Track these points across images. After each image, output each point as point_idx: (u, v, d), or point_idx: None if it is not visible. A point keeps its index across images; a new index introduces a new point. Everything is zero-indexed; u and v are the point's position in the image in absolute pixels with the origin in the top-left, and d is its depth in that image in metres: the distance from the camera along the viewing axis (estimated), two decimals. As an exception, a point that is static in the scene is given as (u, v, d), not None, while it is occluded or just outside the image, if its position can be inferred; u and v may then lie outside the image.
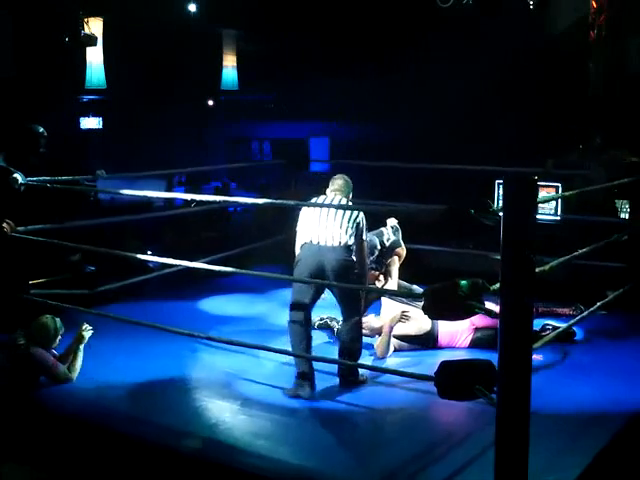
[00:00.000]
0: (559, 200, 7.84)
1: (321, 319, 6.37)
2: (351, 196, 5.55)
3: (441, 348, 5.95)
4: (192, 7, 12.75)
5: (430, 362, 5.17)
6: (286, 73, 13.25)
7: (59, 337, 5.25)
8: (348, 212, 5.23)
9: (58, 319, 5.25)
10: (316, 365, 5.23)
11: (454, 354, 5.76)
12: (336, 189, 5.48)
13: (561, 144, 7.90)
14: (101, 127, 13.98)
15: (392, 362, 5.71)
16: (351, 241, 5.21)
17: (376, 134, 11.84)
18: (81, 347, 5.28)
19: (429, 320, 5.84)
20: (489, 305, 3.69)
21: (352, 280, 5.19)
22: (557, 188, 7.86)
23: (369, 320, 6.03)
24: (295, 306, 5.20)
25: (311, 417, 4.78)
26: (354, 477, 4.04)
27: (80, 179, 6.84)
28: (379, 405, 4.98)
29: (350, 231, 5.20)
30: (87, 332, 5.33)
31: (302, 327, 5.15)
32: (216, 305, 7.40)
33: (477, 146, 9.94)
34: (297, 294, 5.22)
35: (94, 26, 10.62)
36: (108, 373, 5.39)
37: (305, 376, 5.02)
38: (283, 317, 6.94)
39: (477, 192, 6.99)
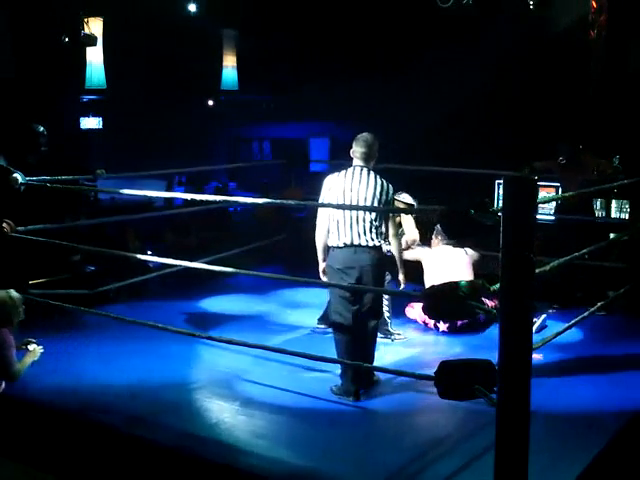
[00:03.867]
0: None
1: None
2: (376, 155, 5.24)
3: None
4: (192, 7, 12.73)
5: (430, 362, 5.18)
6: (286, 73, 13.24)
7: (20, 311, 4.94)
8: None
9: (13, 291, 5.03)
10: (317, 364, 5.26)
11: (454, 353, 5.77)
12: (359, 157, 5.22)
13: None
14: (101, 127, 13.96)
15: (392, 362, 5.71)
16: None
17: (376, 135, 11.84)
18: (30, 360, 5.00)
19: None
20: None
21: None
22: (557, 188, 7.88)
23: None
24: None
25: (311, 417, 4.78)
26: (354, 477, 4.04)
27: (80, 179, 6.85)
28: (379, 405, 4.98)
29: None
30: (37, 350, 5.08)
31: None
32: (216, 305, 7.40)
33: (477, 146, 9.94)
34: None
35: (94, 26, 10.59)
36: (108, 373, 5.39)
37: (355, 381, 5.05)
38: (283, 317, 7.01)
39: (477, 192, 6.98)
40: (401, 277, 5.56)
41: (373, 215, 5.08)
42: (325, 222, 5.21)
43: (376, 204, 5.12)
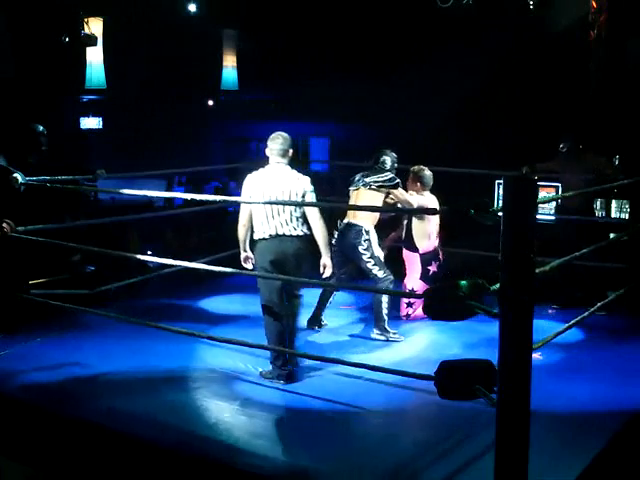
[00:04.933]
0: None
1: None
2: (291, 152, 5.57)
3: None
4: (192, 7, 12.75)
5: (430, 362, 5.17)
6: (286, 73, 13.25)
7: None
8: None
9: None
10: (316, 363, 5.26)
11: (454, 354, 5.77)
12: (277, 154, 5.51)
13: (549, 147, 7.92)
14: (101, 127, 13.97)
15: (392, 362, 5.71)
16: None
17: (376, 135, 11.85)
18: None
19: None
20: None
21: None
22: (557, 188, 7.89)
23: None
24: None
25: (310, 417, 4.78)
26: (354, 477, 4.04)
27: (80, 179, 6.85)
28: (379, 405, 4.98)
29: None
30: None
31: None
32: (216, 305, 7.40)
33: (477, 147, 9.95)
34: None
35: (94, 26, 10.62)
36: (108, 373, 5.39)
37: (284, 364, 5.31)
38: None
39: (477, 192, 7.00)
40: (326, 261, 5.69)
41: (292, 206, 5.37)
42: (247, 216, 5.51)
43: (294, 197, 5.40)
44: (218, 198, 6.55)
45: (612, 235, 7.39)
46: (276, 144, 5.53)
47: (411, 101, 10.73)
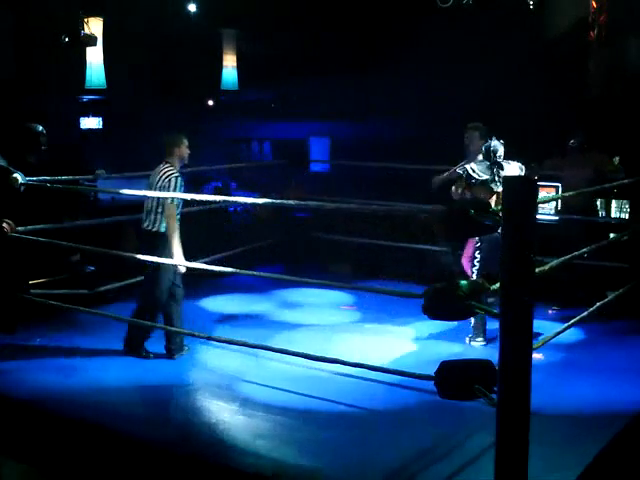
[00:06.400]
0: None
1: None
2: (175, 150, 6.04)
3: None
4: (192, 7, 12.75)
5: (430, 362, 5.17)
6: (286, 73, 13.23)
7: None
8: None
9: None
10: (316, 364, 5.27)
11: (454, 353, 5.77)
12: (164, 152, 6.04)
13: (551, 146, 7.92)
14: (101, 127, 13.93)
15: (392, 362, 5.71)
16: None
17: (377, 134, 11.85)
18: None
19: None
20: None
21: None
22: (557, 188, 7.89)
23: None
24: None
25: (311, 417, 4.78)
26: (354, 477, 4.04)
27: (80, 179, 6.85)
28: (379, 405, 4.98)
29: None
30: None
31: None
32: (216, 305, 7.40)
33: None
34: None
35: (94, 26, 10.59)
36: (107, 373, 5.39)
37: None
38: (282, 317, 7.01)
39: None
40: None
41: (154, 202, 5.69)
42: None
43: (156, 190, 5.71)
44: (218, 198, 6.56)
45: (612, 235, 7.40)
46: (164, 144, 6.13)
47: (411, 100, 10.72)
